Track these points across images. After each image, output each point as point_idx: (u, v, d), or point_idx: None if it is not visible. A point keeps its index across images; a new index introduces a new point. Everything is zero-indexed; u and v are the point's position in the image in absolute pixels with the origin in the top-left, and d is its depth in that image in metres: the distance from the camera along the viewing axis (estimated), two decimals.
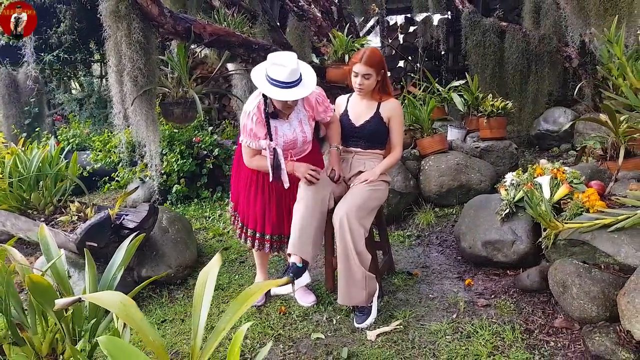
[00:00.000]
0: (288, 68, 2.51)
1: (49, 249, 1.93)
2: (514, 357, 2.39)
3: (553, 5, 5.68)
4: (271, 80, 2.54)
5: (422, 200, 4.26)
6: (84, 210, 3.55)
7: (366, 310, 2.82)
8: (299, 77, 2.58)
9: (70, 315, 1.68)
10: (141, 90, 3.79)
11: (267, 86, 2.55)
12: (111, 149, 5.51)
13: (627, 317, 2.26)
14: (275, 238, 2.97)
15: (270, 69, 2.54)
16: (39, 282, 1.56)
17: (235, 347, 1.19)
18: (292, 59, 2.56)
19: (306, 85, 2.62)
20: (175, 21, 3.89)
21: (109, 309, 1.27)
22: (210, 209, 4.95)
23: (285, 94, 2.55)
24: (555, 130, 5.70)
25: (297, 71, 2.55)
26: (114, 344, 1.09)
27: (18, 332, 1.78)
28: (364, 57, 2.87)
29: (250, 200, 2.94)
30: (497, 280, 3.12)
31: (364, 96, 3.00)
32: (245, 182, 2.96)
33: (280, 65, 2.52)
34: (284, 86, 2.53)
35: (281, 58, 2.55)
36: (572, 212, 2.82)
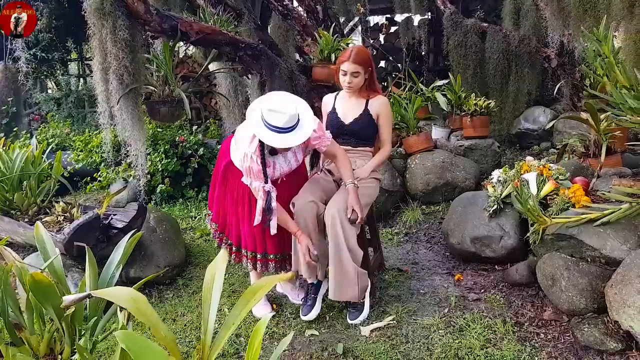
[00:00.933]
0: (286, 115, 2.42)
1: (45, 248, 1.91)
2: (506, 349, 2.44)
3: (533, 6, 5.80)
4: (269, 126, 2.43)
5: (409, 198, 4.31)
6: (69, 210, 3.49)
7: (359, 306, 2.84)
8: (297, 120, 2.49)
9: (71, 314, 1.66)
10: (127, 89, 3.74)
11: (265, 132, 2.44)
12: (93, 149, 5.43)
13: (615, 308, 2.33)
14: (279, 257, 2.86)
15: (267, 115, 2.43)
16: (40, 280, 1.53)
17: (256, 340, 1.19)
18: (289, 104, 2.48)
19: (304, 127, 2.51)
20: (162, 19, 3.85)
21: (120, 304, 1.26)
22: (195, 208, 4.92)
23: (283, 141, 2.45)
24: (535, 129, 5.82)
25: (295, 116, 2.46)
26: (130, 338, 1.08)
27: (15, 333, 1.75)
28: (352, 55, 2.90)
29: (244, 221, 2.80)
30: (485, 275, 3.18)
31: (352, 94, 3.03)
32: (234, 204, 2.82)
33: (278, 112, 2.42)
34: (282, 131, 2.44)
35: (278, 104, 2.45)
36: (559, 207, 2.88)
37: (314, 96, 4.66)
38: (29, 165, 3.67)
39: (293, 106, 2.48)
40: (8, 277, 1.72)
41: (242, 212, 2.81)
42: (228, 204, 2.87)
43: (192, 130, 5.49)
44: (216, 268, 1.45)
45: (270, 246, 2.83)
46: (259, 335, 1.21)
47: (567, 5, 4.65)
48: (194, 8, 4.79)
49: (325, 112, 3.16)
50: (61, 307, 1.48)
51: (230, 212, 2.87)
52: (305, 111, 2.57)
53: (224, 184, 2.87)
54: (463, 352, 2.44)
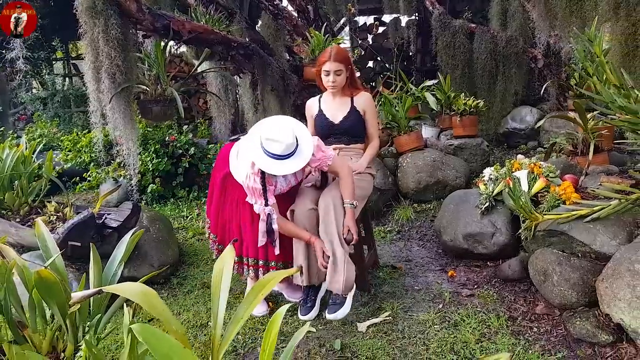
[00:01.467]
0: (283, 143, 2.45)
1: (47, 246, 1.90)
2: (501, 342, 2.49)
3: (519, 8, 5.89)
4: (268, 153, 2.47)
5: (401, 197, 4.36)
6: (61, 210, 3.47)
7: (340, 301, 2.77)
8: (295, 146, 2.51)
9: (76, 311, 1.66)
10: (119, 88, 3.73)
11: (264, 159, 2.48)
12: (82, 149, 5.39)
13: (606, 301, 2.39)
14: (281, 265, 2.83)
15: (265, 143, 2.47)
16: (46, 277, 1.54)
17: (272, 332, 1.22)
18: (287, 131, 2.48)
19: (303, 153, 2.54)
20: (154, 18, 3.85)
21: (132, 299, 1.27)
22: (187, 208, 4.91)
23: (282, 168, 2.48)
24: (522, 128, 5.91)
25: (293, 144, 2.49)
26: (147, 331, 1.10)
27: (18, 331, 1.75)
28: (332, 55, 2.95)
29: (247, 227, 2.78)
30: (478, 272, 3.23)
31: (336, 93, 3.07)
32: (235, 211, 2.81)
33: (275, 140, 2.44)
34: (282, 158, 2.48)
35: (276, 133, 2.46)
36: (550, 204, 2.95)
37: (305, 95, 4.69)
38: (19, 165, 3.64)
39: (291, 134, 2.48)
40: (11, 275, 1.71)
41: (244, 221, 2.80)
42: (227, 213, 2.85)
43: (182, 130, 5.47)
44: (224, 263, 1.47)
45: (272, 254, 2.82)
46: (275, 327, 1.23)
47: (554, 6, 4.74)
48: (185, 7, 4.79)
49: (310, 116, 3.19)
50: (69, 304, 1.48)
51: (230, 221, 2.85)
52: (303, 136, 2.59)
53: (223, 195, 2.85)
54: (459, 347, 2.48)
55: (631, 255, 2.41)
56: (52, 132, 6.08)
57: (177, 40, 3.98)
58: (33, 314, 1.79)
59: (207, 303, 3.13)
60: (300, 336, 1.30)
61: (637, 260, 2.37)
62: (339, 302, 2.77)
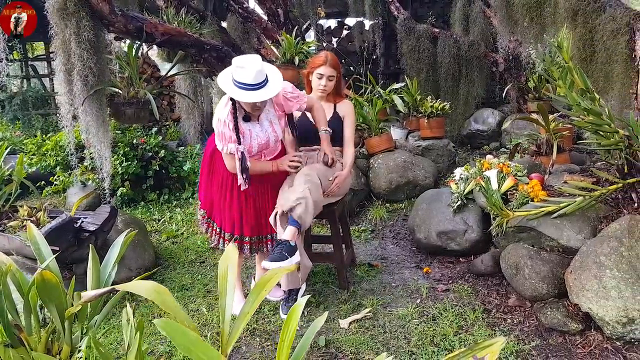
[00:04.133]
0: (253, 70, 2.55)
1: (40, 249, 1.89)
2: (478, 334, 2.61)
3: (480, 13, 6.12)
4: (237, 84, 2.58)
5: (373, 197, 4.46)
6: (35, 214, 3.40)
7: (292, 300, 2.94)
8: (264, 79, 2.63)
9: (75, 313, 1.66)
10: (92, 90, 3.69)
11: (235, 89, 2.59)
12: (46, 152, 5.26)
13: (575, 292, 2.55)
14: (255, 239, 2.98)
15: (235, 73, 2.59)
16: (49, 279, 1.54)
17: (291, 324, 1.27)
18: (256, 61, 2.61)
19: (272, 85, 2.67)
20: (127, 20, 3.82)
21: (145, 296, 1.31)
22: (158, 211, 4.87)
23: (252, 96, 2.59)
24: (485, 130, 6.13)
25: (262, 72, 2.60)
26: (170, 325, 1.13)
27: (14, 334, 1.73)
28: (328, 60, 3.03)
29: (225, 205, 2.94)
30: (451, 267, 3.36)
31: (321, 98, 3.15)
32: (219, 187, 2.95)
33: (244, 68, 2.56)
34: (251, 88, 2.57)
35: (245, 61, 2.59)
36: (519, 201, 3.10)
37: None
38: None
39: (259, 63, 2.60)
40: (6, 278, 1.70)
41: (224, 197, 2.93)
42: (214, 188, 2.98)
43: (151, 132, 5.42)
44: (228, 260, 1.51)
45: (247, 230, 2.96)
46: (295, 319, 1.29)
47: (515, 13, 4.96)
48: (154, 9, 4.75)
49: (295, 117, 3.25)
50: (80, 303, 1.49)
51: (216, 196, 2.98)
52: (273, 72, 2.73)
53: (211, 170, 2.98)
54: (438, 339, 2.59)
55: (597, 248, 2.58)
56: (15, 135, 5.89)
57: (150, 42, 3.96)
58: (28, 317, 1.78)
59: (188, 304, 3.14)
60: (320, 324, 1.36)
61: (602, 252, 2.55)
62: (291, 299, 2.95)
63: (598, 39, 4.11)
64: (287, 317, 1.28)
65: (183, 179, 5.24)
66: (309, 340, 1.33)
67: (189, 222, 4.53)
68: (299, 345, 1.34)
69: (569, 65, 2.51)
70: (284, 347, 1.23)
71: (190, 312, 3.06)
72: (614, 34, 4.04)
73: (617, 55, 4.01)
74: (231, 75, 2.62)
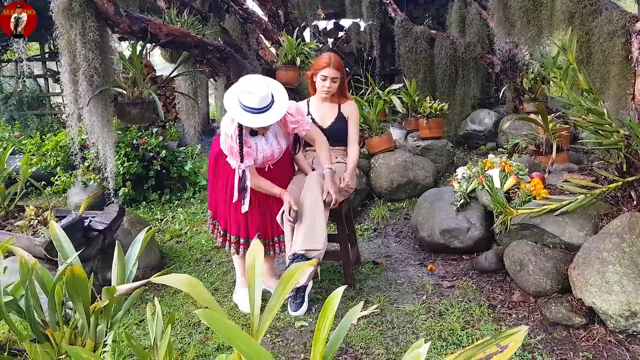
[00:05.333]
0: (257, 95, 2.60)
1: (62, 246, 1.92)
2: (484, 329, 2.67)
3: (477, 15, 6.21)
4: (244, 107, 2.64)
5: (375, 196, 4.52)
6: (41, 214, 3.42)
7: (300, 297, 2.98)
8: (270, 101, 2.68)
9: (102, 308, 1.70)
10: (97, 90, 3.71)
11: (241, 113, 2.65)
12: (46, 152, 5.26)
13: (579, 287, 2.62)
14: (261, 242, 3.02)
15: (241, 96, 2.64)
16: (78, 275, 1.58)
17: (328, 312, 1.31)
18: (261, 85, 2.65)
19: (277, 108, 2.71)
20: (132, 21, 3.84)
21: (180, 288, 1.35)
22: (160, 211, 4.89)
23: (256, 121, 2.64)
24: (481, 130, 6.22)
25: (267, 97, 2.65)
26: (211, 316, 1.17)
27: (40, 330, 1.76)
28: (332, 61, 3.08)
29: (231, 207, 2.96)
30: (455, 265, 3.42)
31: (325, 99, 3.21)
32: (224, 189, 2.98)
33: (250, 93, 2.61)
34: (256, 112, 2.64)
35: (252, 86, 2.64)
36: (521, 199, 3.17)
37: None
38: None
39: (264, 87, 2.66)
40: (32, 276, 1.73)
41: (229, 201, 2.96)
42: (219, 190, 3.02)
43: (152, 132, 5.43)
44: (254, 253, 1.55)
45: (253, 232, 2.99)
46: (332, 307, 1.33)
47: (512, 15, 5.04)
48: (156, 10, 4.78)
49: None
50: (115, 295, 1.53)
51: (221, 198, 3.01)
52: (279, 93, 2.77)
53: (216, 172, 3.02)
54: (446, 334, 2.65)
55: (599, 245, 2.65)
56: (14, 136, 5.88)
57: (154, 43, 3.98)
58: (53, 313, 1.81)
59: (196, 303, 3.17)
60: (355, 315, 1.40)
61: (604, 249, 2.62)
62: (299, 298, 2.97)
63: (594, 41, 4.20)
64: (324, 307, 1.32)
65: (184, 178, 5.27)
66: (346, 329, 1.37)
67: (192, 222, 4.56)
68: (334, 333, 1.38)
69: (573, 66, 2.58)
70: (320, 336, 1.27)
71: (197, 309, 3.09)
72: (610, 36, 4.12)
73: (613, 57, 4.09)
74: (237, 97, 2.67)
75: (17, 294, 1.89)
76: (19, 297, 1.90)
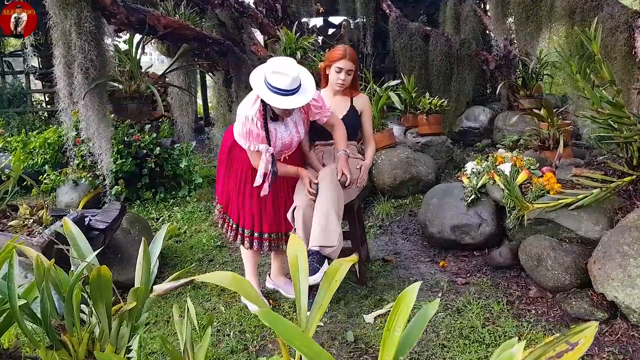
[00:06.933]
0: (289, 77, 2.50)
1: (78, 244, 1.80)
2: (505, 325, 2.61)
3: (471, 12, 6.20)
4: (272, 88, 2.52)
5: (378, 193, 4.45)
6: (36, 213, 3.26)
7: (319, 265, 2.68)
8: (299, 84, 2.58)
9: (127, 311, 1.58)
10: (93, 84, 3.56)
11: (268, 94, 2.53)
12: (34, 150, 5.06)
13: (600, 281, 2.58)
14: (273, 236, 2.92)
15: (270, 77, 2.52)
16: (104, 275, 1.46)
17: (400, 309, 1.23)
18: (293, 66, 2.55)
19: (306, 91, 2.62)
20: (129, 11, 3.71)
21: (226, 287, 1.26)
22: (155, 210, 4.74)
23: (286, 102, 2.54)
24: (476, 127, 6.21)
25: (297, 79, 2.55)
26: (271, 317, 1.08)
27: (56, 336, 1.64)
28: (347, 54, 2.99)
29: (245, 200, 2.86)
30: (467, 261, 3.37)
31: (337, 92, 3.12)
32: (237, 182, 2.88)
33: (281, 73, 2.50)
34: (285, 94, 2.53)
35: (282, 66, 2.53)
36: (535, 194, 3.13)
37: None
38: None
39: (295, 69, 2.55)
40: (47, 278, 1.61)
41: (243, 192, 2.87)
42: (232, 183, 2.91)
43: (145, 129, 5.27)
44: (295, 246, 1.47)
45: (266, 226, 2.90)
46: (405, 304, 1.24)
47: (511, 11, 5.03)
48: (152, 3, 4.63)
49: None
50: (155, 295, 1.41)
51: (233, 191, 2.91)
52: (307, 77, 2.67)
53: (229, 165, 2.91)
54: (467, 331, 2.58)
55: (619, 239, 2.61)
56: None
57: (152, 35, 3.84)
58: (70, 317, 1.68)
59: (203, 303, 3.06)
60: (431, 311, 1.32)
61: (625, 242, 2.58)
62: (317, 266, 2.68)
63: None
64: (395, 303, 1.23)
65: (179, 176, 5.12)
66: (422, 327, 1.29)
67: (190, 221, 4.42)
68: (407, 330, 1.29)
69: (597, 57, 2.54)
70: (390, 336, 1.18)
71: (207, 310, 2.99)
72: (612, 31, 4.13)
73: (615, 53, 4.10)
74: (264, 77, 2.55)
75: (29, 298, 1.76)
76: (31, 300, 1.77)
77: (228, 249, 3.85)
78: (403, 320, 1.19)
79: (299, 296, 1.39)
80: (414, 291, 1.26)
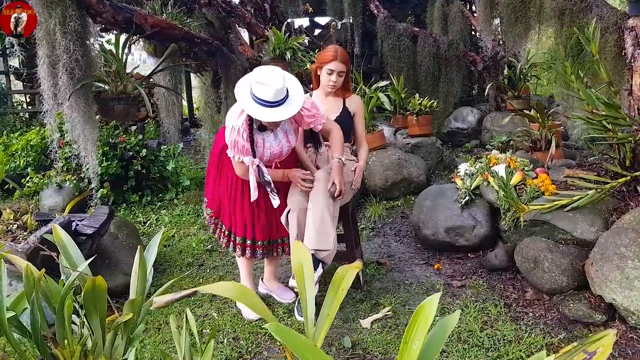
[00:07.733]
0: (273, 87, 2.36)
1: (68, 252, 1.72)
2: (504, 329, 2.59)
3: (459, 13, 6.20)
4: (257, 99, 2.40)
5: (370, 194, 4.40)
6: (20, 218, 3.15)
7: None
8: (285, 95, 2.46)
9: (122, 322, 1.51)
10: (78, 84, 3.46)
11: (253, 106, 2.41)
12: (15, 152, 4.92)
13: (597, 283, 2.57)
14: (266, 243, 2.84)
15: (255, 87, 2.40)
16: (99, 285, 1.39)
17: (419, 320, 1.18)
18: (278, 77, 2.41)
19: (293, 102, 2.49)
20: (115, 10, 3.62)
21: (230, 297, 1.19)
22: (142, 213, 4.63)
23: (271, 115, 2.41)
24: (464, 128, 6.21)
25: (282, 90, 2.41)
26: (283, 331, 1.02)
27: (47, 349, 1.56)
28: (339, 55, 2.94)
29: (237, 206, 2.78)
30: (462, 263, 3.34)
31: (329, 94, 3.07)
32: (228, 187, 2.80)
33: (265, 84, 2.38)
34: (270, 105, 2.40)
35: (267, 77, 2.39)
36: (529, 195, 3.12)
37: None
38: None
39: (281, 80, 2.42)
40: (37, 290, 1.53)
41: (234, 198, 2.79)
42: (223, 188, 2.83)
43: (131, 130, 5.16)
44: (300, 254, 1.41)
45: (259, 233, 2.82)
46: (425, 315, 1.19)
47: (499, 13, 5.03)
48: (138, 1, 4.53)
49: None
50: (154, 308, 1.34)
51: (225, 196, 2.83)
52: (295, 87, 2.54)
53: (220, 168, 2.83)
54: (465, 335, 2.55)
55: (616, 240, 2.61)
56: None
57: (139, 34, 3.75)
58: (61, 329, 1.60)
59: (195, 310, 2.98)
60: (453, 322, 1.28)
61: (622, 244, 2.58)
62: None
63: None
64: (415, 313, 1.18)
65: (166, 179, 5.01)
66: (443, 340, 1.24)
67: (179, 224, 4.33)
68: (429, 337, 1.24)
69: (595, 58, 2.53)
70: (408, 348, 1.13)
71: (200, 317, 2.91)
72: (602, 32, 4.14)
73: (605, 54, 4.11)
74: (250, 88, 2.43)
75: (17, 310, 1.68)
76: (20, 312, 1.69)
77: (218, 252, 3.77)
78: (422, 333, 1.14)
79: (305, 306, 1.33)
80: (434, 303, 1.21)
